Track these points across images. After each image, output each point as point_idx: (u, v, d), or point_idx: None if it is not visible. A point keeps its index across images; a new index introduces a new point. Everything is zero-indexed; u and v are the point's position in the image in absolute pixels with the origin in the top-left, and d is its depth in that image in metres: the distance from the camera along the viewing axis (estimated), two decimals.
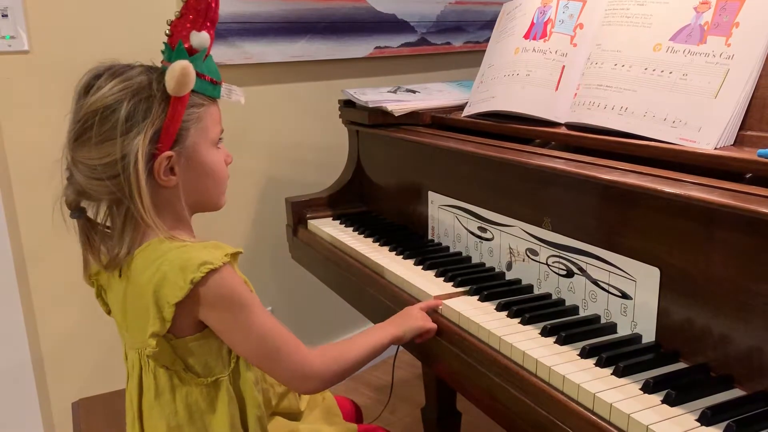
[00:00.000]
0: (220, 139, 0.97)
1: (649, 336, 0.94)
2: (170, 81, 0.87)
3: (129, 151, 0.86)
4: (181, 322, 0.89)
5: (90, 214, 0.95)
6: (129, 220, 0.90)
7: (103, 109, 0.86)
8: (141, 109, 0.87)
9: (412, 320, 1.07)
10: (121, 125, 0.86)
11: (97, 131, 0.87)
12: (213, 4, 0.90)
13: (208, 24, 0.90)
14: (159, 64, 0.92)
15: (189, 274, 0.85)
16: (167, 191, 0.92)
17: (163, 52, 0.91)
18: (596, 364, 0.89)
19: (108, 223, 0.95)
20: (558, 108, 1.22)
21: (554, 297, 1.11)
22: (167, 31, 0.91)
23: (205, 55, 0.91)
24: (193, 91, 0.89)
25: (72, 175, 0.91)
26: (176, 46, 0.89)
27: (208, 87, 0.93)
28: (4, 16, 1.46)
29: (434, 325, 1.08)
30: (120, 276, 0.94)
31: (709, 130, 0.96)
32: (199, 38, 0.89)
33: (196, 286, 0.86)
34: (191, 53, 0.90)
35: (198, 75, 0.90)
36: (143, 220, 0.88)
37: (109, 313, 1.03)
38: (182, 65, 0.87)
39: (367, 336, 1.04)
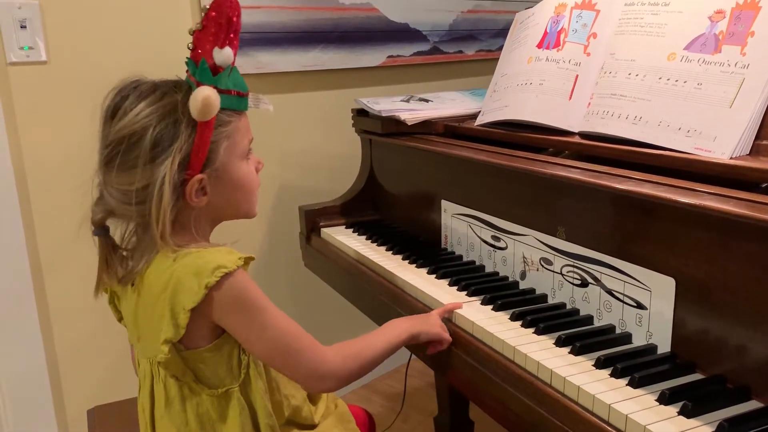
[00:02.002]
0: (249, 149, 0.97)
1: (664, 346, 0.94)
2: (194, 109, 0.86)
3: (156, 179, 0.86)
4: (194, 329, 0.89)
5: (116, 229, 0.95)
6: (151, 239, 0.90)
7: (130, 136, 0.86)
8: (168, 135, 0.86)
9: (430, 325, 1.07)
10: (147, 153, 0.86)
11: (124, 158, 0.87)
12: (234, 18, 0.88)
13: (231, 36, 0.89)
14: (184, 75, 0.92)
15: (204, 279, 0.86)
16: (196, 209, 0.92)
17: (187, 64, 0.91)
18: (611, 375, 0.89)
19: (131, 240, 0.96)
20: (571, 117, 1.22)
21: (568, 307, 1.10)
22: (189, 44, 0.90)
23: (229, 70, 0.90)
24: (220, 108, 0.88)
25: (103, 195, 0.92)
26: (200, 64, 0.88)
27: (235, 101, 0.92)
28: (23, 27, 1.48)
29: (449, 338, 1.08)
30: (132, 285, 0.94)
31: (724, 139, 0.96)
32: (223, 56, 0.88)
33: (210, 290, 0.86)
34: (215, 72, 0.89)
35: (223, 91, 0.89)
36: (158, 242, 0.88)
37: (120, 320, 1.03)
38: (204, 95, 0.86)
39: (383, 333, 1.03)
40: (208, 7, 0.88)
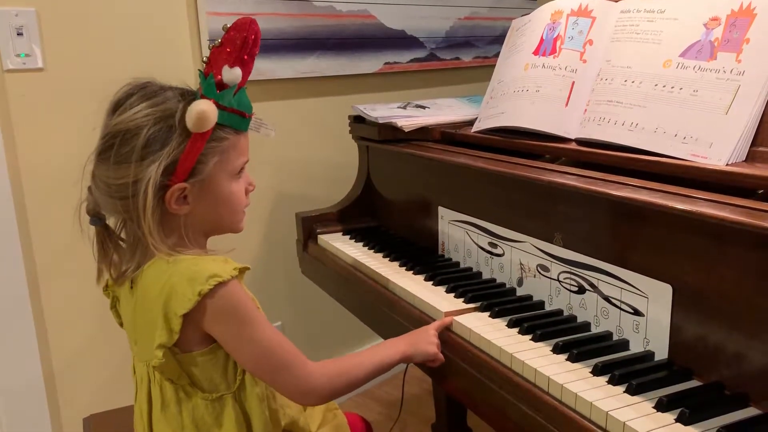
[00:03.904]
0: (242, 169, 0.97)
1: (661, 353, 0.94)
2: (189, 120, 0.87)
3: (141, 178, 0.87)
4: (187, 335, 0.90)
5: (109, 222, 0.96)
6: (140, 238, 0.91)
7: (125, 132, 0.88)
8: (159, 138, 0.88)
9: (425, 343, 1.07)
10: (137, 151, 0.87)
11: (116, 152, 0.88)
12: (250, 40, 0.90)
13: (245, 57, 0.90)
14: (182, 83, 0.93)
15: (197, 286, 0.86)
16: (179, 216, 0.92)
17: (199, 76, 0.92)
18: (608, 382, 0.88)
19: (123, 235, 0.97)
20: (568, 123, 1.22)
21: (566, 313, 1.10)
22: (204, 58, 0.92)
23: (235, 90, 0.91)
24: (218, 124, 0.90)
25: (91, 186, 0.93)
26: (208, 77, 0.90)
27: (235, 120, 0.93)
28: (20, 34, 1.48)
29: (443, 358, 1.08)
30: (132, 288, 0.95)
31: (720, 146, 0.96)
32: (231, 74, 0.90)
33: (203, 297, 0.87)
34: (220, 88, 0.90)
35: (225, 109, 0.90)
36: (148, 243, 0.89)
37: (122, 325, 1.04)
38: (199, 109, 0.87)
39: (377, 352, 1.04)
40: (228, 25, 0.91)
